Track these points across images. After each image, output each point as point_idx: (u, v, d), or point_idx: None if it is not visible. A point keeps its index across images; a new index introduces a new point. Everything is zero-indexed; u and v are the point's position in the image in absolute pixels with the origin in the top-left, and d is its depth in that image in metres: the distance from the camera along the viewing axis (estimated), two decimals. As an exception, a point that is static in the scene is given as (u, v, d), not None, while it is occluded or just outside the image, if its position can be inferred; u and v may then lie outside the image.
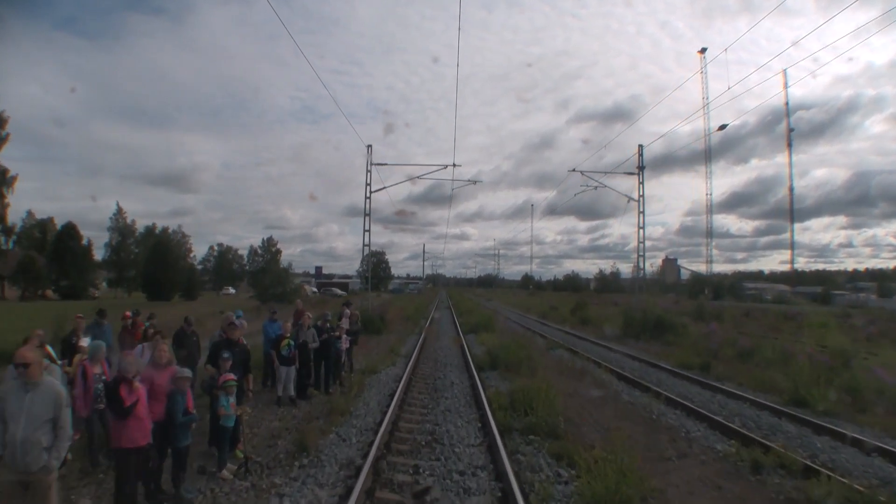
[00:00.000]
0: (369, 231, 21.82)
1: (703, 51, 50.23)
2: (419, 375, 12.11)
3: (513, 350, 12.55)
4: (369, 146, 22.08)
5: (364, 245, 21.71)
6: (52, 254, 56.47)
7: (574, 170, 22.65)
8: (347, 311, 12.08)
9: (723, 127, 17.90)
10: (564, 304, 45.36)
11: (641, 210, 23.02)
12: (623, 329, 21.96)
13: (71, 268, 55.37)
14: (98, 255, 67.50)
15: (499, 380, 11.48)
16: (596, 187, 23.03)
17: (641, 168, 23.25)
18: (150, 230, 73.92)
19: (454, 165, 21.64)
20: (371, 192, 21.87)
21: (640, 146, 23.43)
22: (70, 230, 58.16)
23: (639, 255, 22.92)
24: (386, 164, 22.45)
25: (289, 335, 9.04)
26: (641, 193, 23.13)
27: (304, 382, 9.69)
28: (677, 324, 21.05)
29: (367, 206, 21.81)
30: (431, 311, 38.14)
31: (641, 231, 22.86)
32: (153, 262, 57.82)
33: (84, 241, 58.99)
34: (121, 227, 70.13)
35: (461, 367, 13.45)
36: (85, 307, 13.12)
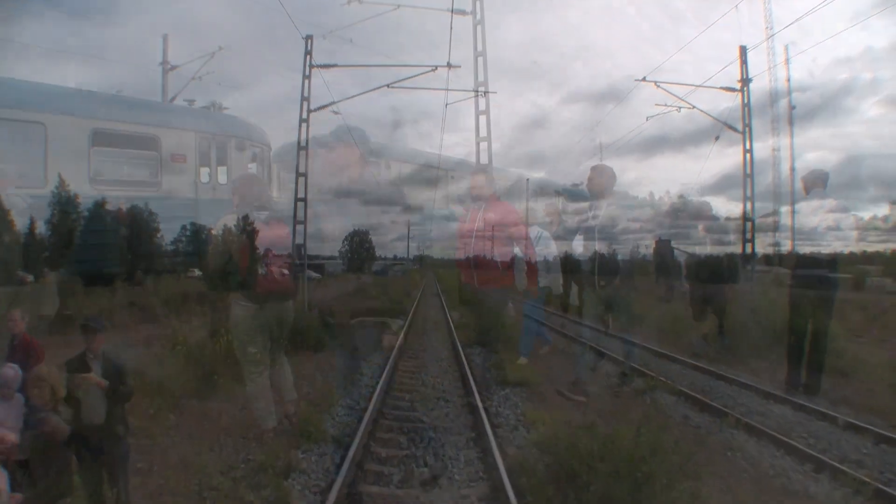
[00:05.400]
0: (305, 176, 13.01)
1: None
2: None
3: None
4: (308, 37, 13.15)
5: (297, 199, 12.93)
6: (-34, 230, 46.94)
7: (644, 79, 13.98)
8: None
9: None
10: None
11: (748, 148, 14.36)
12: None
13: (-14, 246, 45.95)
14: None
15: None
16: (680, 109, 14.47)
17: (746, 81, 14.58)
18: (98, 204, 63.09)
19: (449, 66, 12.84)
20: (310, 111, 12.99)
21: (743, 48, 14.71)
22: (-14, 201, 48.46)
23: (745, 220, 14.30)
24: (335, 66, 13.57)
25: None
26: (747, 122, 14.47)
27: None
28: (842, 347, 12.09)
29: (304, 132, 12.95)
30: (415, 299, 28.74)
31: (749, 181, 14.26)
32: (86, 240, 48.44)
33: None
34: (62, 199, 60.29)
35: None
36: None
